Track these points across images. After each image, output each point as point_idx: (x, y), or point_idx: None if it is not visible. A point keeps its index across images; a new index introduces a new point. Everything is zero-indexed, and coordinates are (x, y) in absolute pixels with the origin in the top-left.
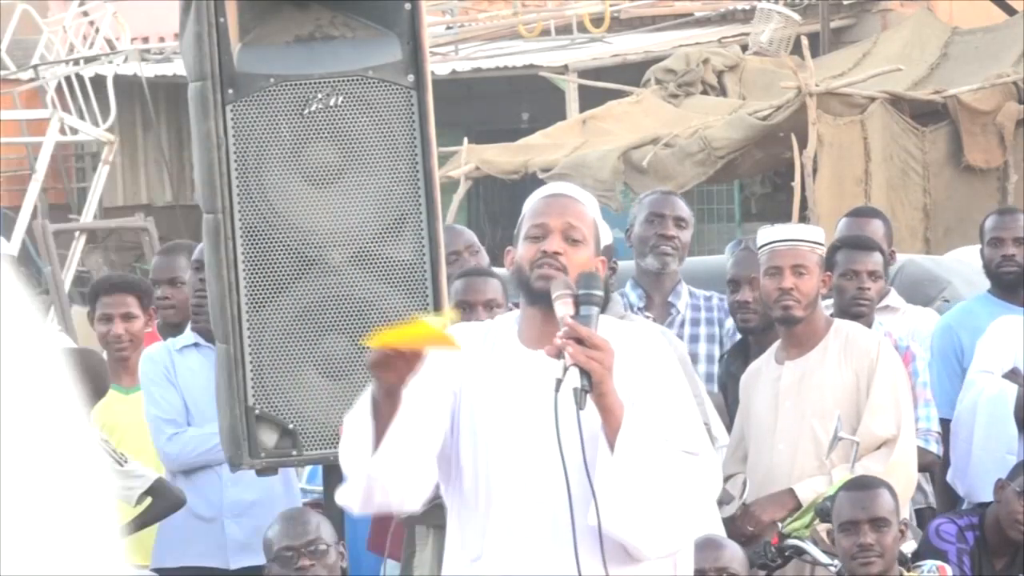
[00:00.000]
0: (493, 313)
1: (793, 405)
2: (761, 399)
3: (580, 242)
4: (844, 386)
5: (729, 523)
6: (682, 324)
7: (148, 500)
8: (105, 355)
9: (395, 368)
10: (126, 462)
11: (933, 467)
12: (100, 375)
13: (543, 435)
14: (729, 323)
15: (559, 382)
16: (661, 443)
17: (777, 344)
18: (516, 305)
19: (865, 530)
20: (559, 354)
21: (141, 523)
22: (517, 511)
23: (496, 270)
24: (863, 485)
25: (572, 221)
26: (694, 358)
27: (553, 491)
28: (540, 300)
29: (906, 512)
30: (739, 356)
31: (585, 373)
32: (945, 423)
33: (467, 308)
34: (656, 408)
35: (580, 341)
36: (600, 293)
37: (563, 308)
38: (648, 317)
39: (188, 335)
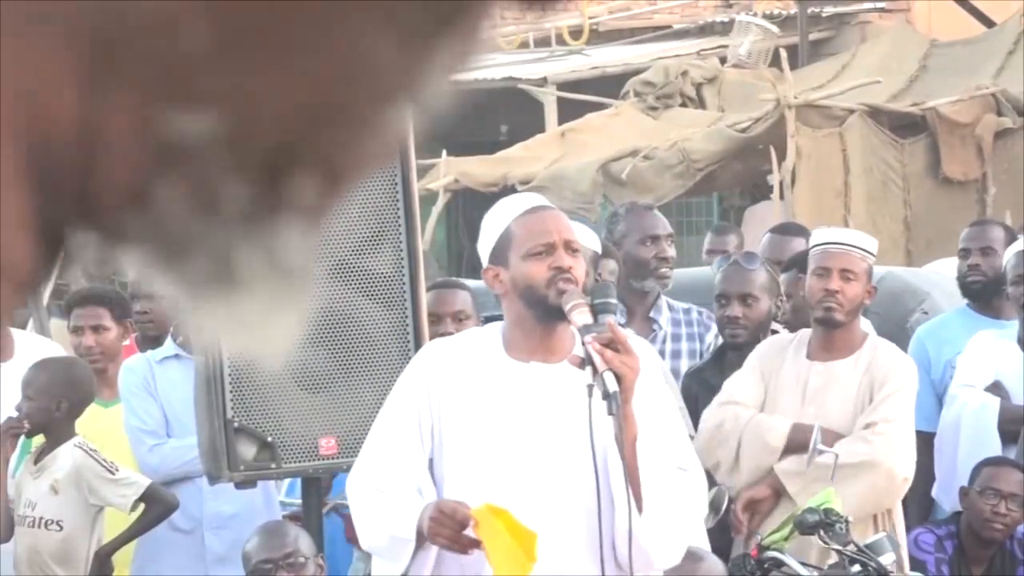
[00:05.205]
0: (462, 325)
1: (816, 411)
2: (788, 396)
3: (578, 252)
4: (860, 399)
5: (711, 535)
6: (664, 340)
7: (142, 506)
8: None
9: (456, 543)
10: (117, 470)
11: None
12: (85, 384)
13: (559, 445)
14: (709, 338)
15: (591, 388)
16: (667, 456)
17: (810, 338)
18: (488, 320)
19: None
20: (583, 363)
21: (137, 530)
22: (535, 524)
23: (469, 283)
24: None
25: (568, 235)
26: (676, 374)
27: (575, 500)
28: (558, 315)
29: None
30: (716, 367)
31: (618, 379)
32: (918, 434)
33: (435, 320)
34: (651, 422)
35: (613, 346)
36: (615, 302)
37: (581, 318)
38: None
39: (169, 346)
